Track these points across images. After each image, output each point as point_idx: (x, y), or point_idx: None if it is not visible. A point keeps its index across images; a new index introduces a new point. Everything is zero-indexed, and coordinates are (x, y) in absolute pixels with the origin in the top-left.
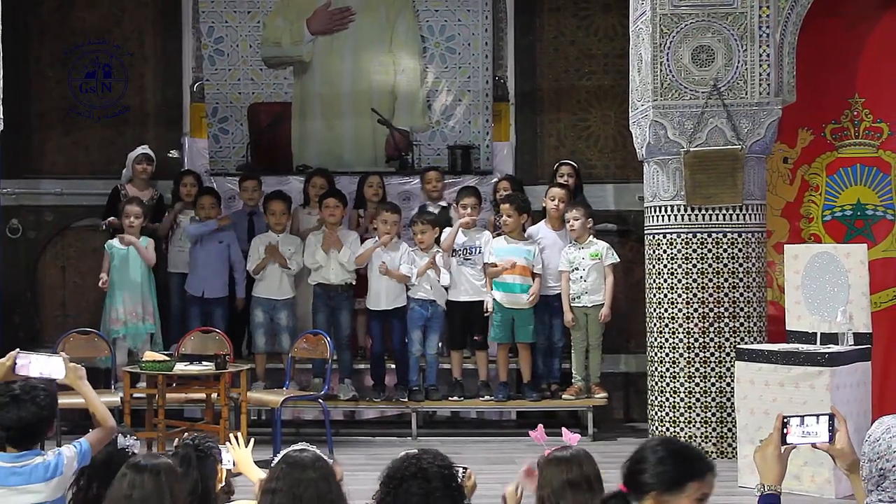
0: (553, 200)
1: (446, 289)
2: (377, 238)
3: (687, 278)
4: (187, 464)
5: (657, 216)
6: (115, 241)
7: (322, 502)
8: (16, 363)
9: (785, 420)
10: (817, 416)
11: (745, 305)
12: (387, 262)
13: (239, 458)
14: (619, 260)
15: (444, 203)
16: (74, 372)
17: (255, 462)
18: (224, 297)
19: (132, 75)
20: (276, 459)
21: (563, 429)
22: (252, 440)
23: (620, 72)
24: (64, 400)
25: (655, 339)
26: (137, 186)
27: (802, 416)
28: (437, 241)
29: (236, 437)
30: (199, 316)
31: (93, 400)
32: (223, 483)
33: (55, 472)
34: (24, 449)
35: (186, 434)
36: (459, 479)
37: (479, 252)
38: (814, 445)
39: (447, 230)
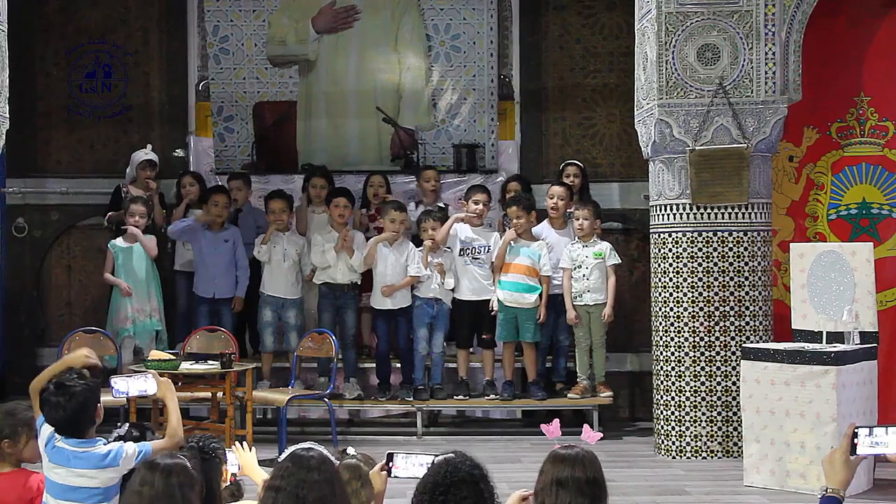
0: (552, 199)
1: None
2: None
3: (692, 277)
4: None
5: (662, 215)
6: (118, 241)
7: None
8: (112, 387)
9: (855, 430)
10: (887, 427)
11: (751, 304)
12: (392, 261)
13: (244, 461)
14: (620, 261)
15: (441, 204)
16: (166, 386)
17: (260, 461)
18: (233, 297)
19: (137, 74)
20: (283, 457)
21: (585, 426)
22: (254, 449)
23: (626, 70)
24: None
25: (661, 338)
26: (141, 188)
27: (871, 427)
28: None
29: (241, 443)
30: (207, 315)
31: (173, 413)
32: (227, 483)
33: (111, 463)
34: (73, 437)
35: (186, 439)
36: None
37: (488, 251)
38: (884, 457)
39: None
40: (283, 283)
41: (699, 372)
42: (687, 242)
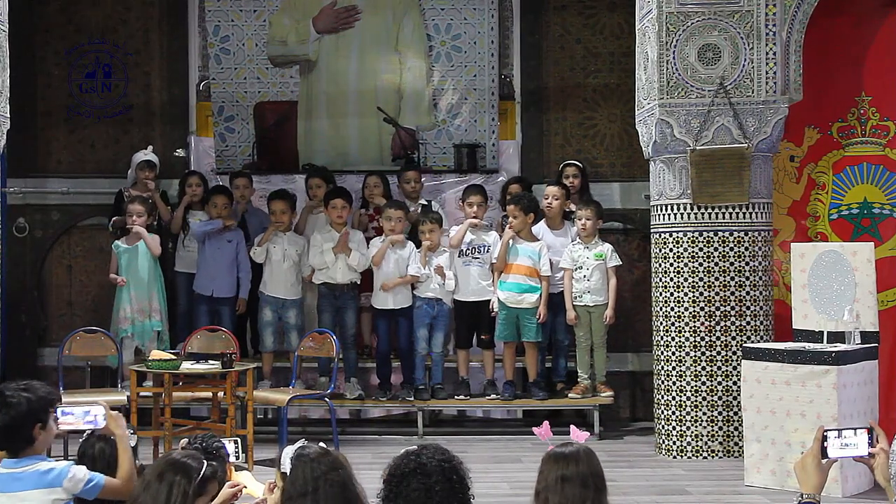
0: (547, 199)
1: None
2: (384, 237)
3: (693, 277)
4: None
5: (663, 215)
6: (120, 241)
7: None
8: (56, 415)
9: (825, 434)
10: (855, 429)
11: (752, 304)
12: (395, 261)
13: (242, 482)
14: (621, 263)
15: (423, 202)
16: (115, 421)
17: (262, 461)
18: (233, 297)
19: (138, 74)
20: (286, 463)
21: (572, 427)
22: (247, 472)
23: (626, 70)
24: None
25: (662, 338)
26: (140, 190)
27: (840, 430)
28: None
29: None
30: (206, 314)
31: (125, 453)
32: (230, 477)
33: (52, 482)
34: (13, 453)
35: (189, 439)
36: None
37: (487, 251)
38: (858, 459)
39: (454, 228)
40: (283, 284)
41: (700, 372)
42: (688, 242)
